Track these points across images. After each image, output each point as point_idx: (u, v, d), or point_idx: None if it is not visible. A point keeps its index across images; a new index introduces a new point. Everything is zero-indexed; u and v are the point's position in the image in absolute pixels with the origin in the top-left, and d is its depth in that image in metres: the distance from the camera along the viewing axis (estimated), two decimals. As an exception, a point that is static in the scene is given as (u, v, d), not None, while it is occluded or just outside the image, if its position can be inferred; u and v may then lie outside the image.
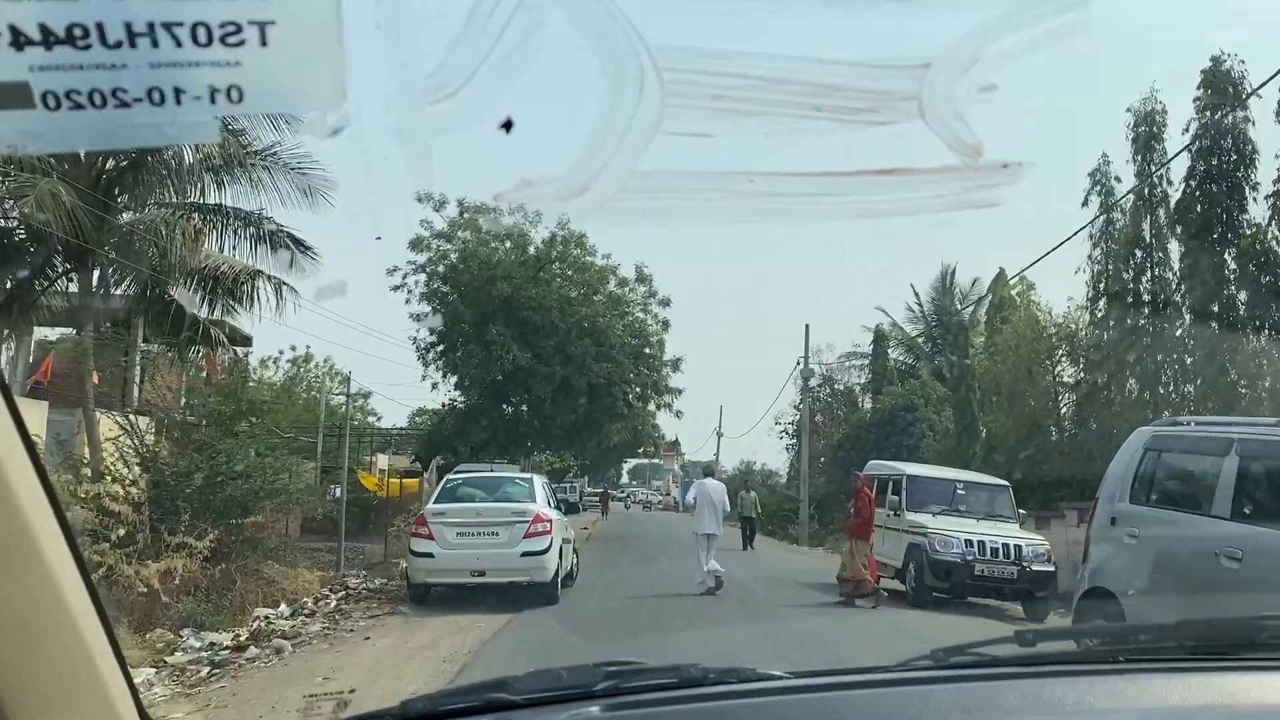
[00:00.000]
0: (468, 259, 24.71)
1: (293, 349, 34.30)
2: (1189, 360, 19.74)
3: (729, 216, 1.61)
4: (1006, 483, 16.65)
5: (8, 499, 1.08)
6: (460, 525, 12.57)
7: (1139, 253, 20.86)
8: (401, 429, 38.08)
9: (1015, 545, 14.50)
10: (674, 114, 1.40)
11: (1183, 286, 19.81)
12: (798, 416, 38.90)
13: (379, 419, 40.14)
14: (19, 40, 1.13)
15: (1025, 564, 14.26)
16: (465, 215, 24.78)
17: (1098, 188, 21.63)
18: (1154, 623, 4.92)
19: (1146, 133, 20.40)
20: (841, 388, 38.92)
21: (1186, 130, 19.30)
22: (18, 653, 1.10)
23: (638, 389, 27.45)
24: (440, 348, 26.31)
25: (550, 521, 12.87)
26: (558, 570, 12.87)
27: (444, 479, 15.18)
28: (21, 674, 1.10)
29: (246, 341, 28.26)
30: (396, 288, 25.52)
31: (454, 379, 26.72)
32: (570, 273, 25.96)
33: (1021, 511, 16.03)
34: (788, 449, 42.05)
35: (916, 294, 36.90)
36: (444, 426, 27.87)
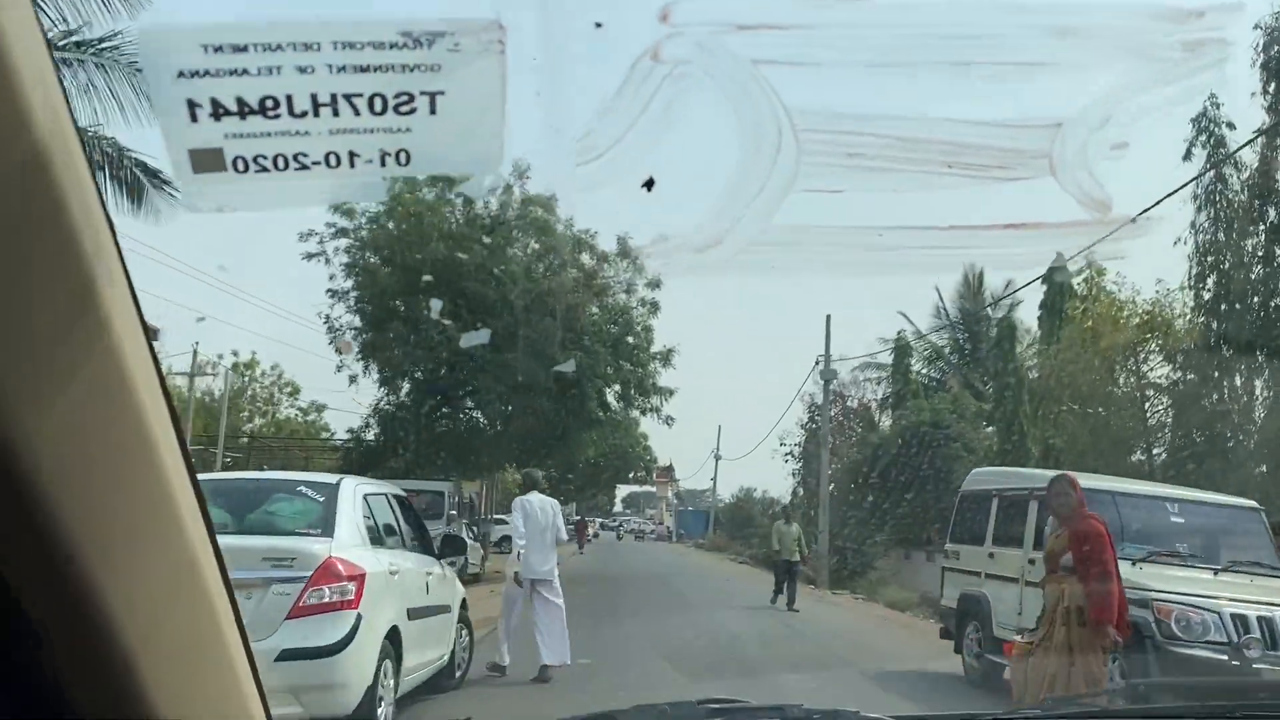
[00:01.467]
0: (394, 211, 19.08)
1: (234, 354, 28.61)
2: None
3: (857, 270, 1.67)
4: (1256, 504, 9.69)
5: (179, 529, 1.13)
6: None
7: (1273, 211, 16.08)
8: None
9: None
10: (809, 171, 1.46)
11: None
12: (805, 437, 34.32)
13: (332, 435, 32.53)
14: (218, 111, 1.23)
15: None
16: None
17: (1204, 136, 16.88)
18: (1273, 680, 4.76)
19: (1280, 55, 14.74)
20: (856, 404, 33.76)
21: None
22: (181, 681, 1.15)
23: (618, 387, 21.92)
24: (366, 333, 20.69)
25: (358, 579, 6.28)
26: (375, 687, 6.36)
27: None
28: (183, 702, 1.14)
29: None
30: (312, 256, 20.54)
31: (379, 372, 20.99)
32: (533, 243, 20.37)
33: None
34: (794, 474, 36.46)
35: (941, 299, 32.12)
36: (367, 435, 22.31)
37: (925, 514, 24.42)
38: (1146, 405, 19.13)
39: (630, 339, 21.15)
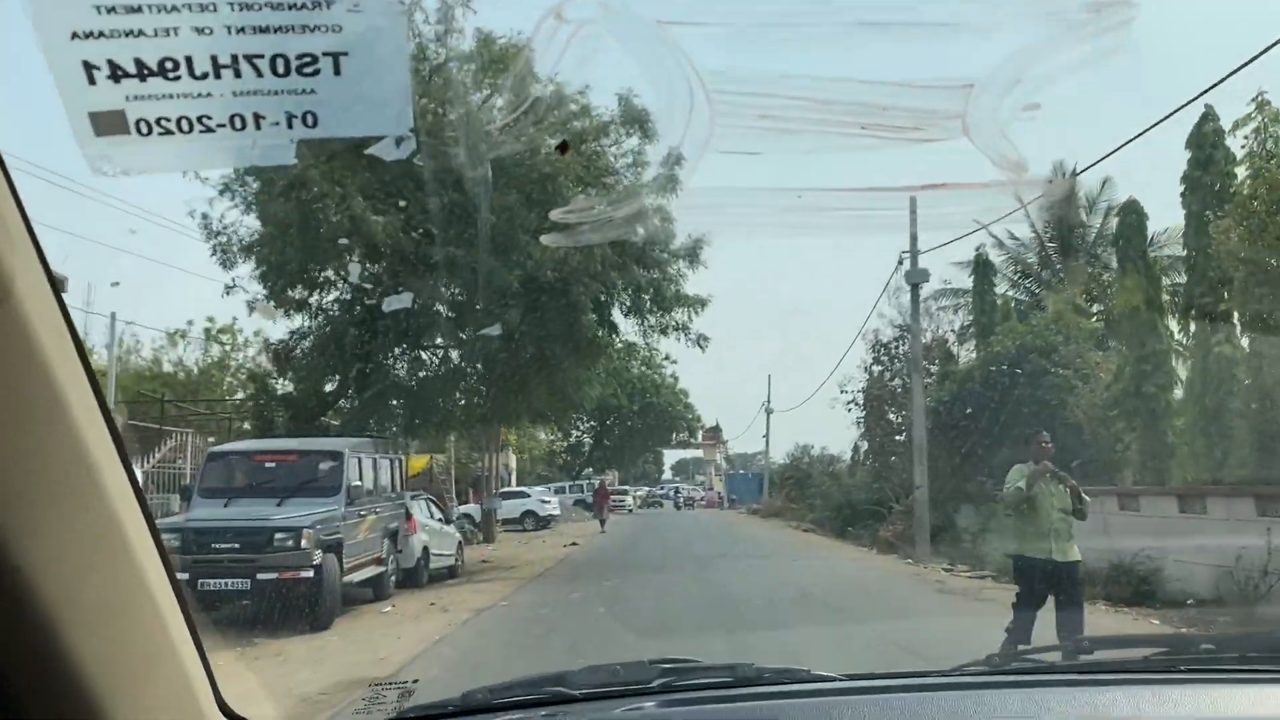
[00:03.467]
0: None
1: (209, 320, 23.24)
2: None
3: (776, 231, 1.68)
4: None
5: (98, 488, 1.14)
6: None
7: None
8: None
9: None
10: (723, 133, 1.47)
11: None
12: (868, 381, 28.96)
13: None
14: (116, 73, 1.23)
15: None
16: None
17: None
18: (1217, 634, 4.81)
19: None
20: (930, 338, 27.66)
21: None
22: (107, 638, 1.16)
23: (626, 297, 16.16)
24: (251, 229, 14.73)
25: None
26: None
27: None
28: (109, 658, 1.15)
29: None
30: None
31: (265, 283, 15.06)
32: (492, 89, 13.59)
33: None
34: (857, 423, 31.05)
35: (1025, 209, 25.73)
36: (279, 379, 17.36)
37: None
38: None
39: (640, 228, 14.81)
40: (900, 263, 20.61)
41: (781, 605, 11.73)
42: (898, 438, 26.49)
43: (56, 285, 1.21)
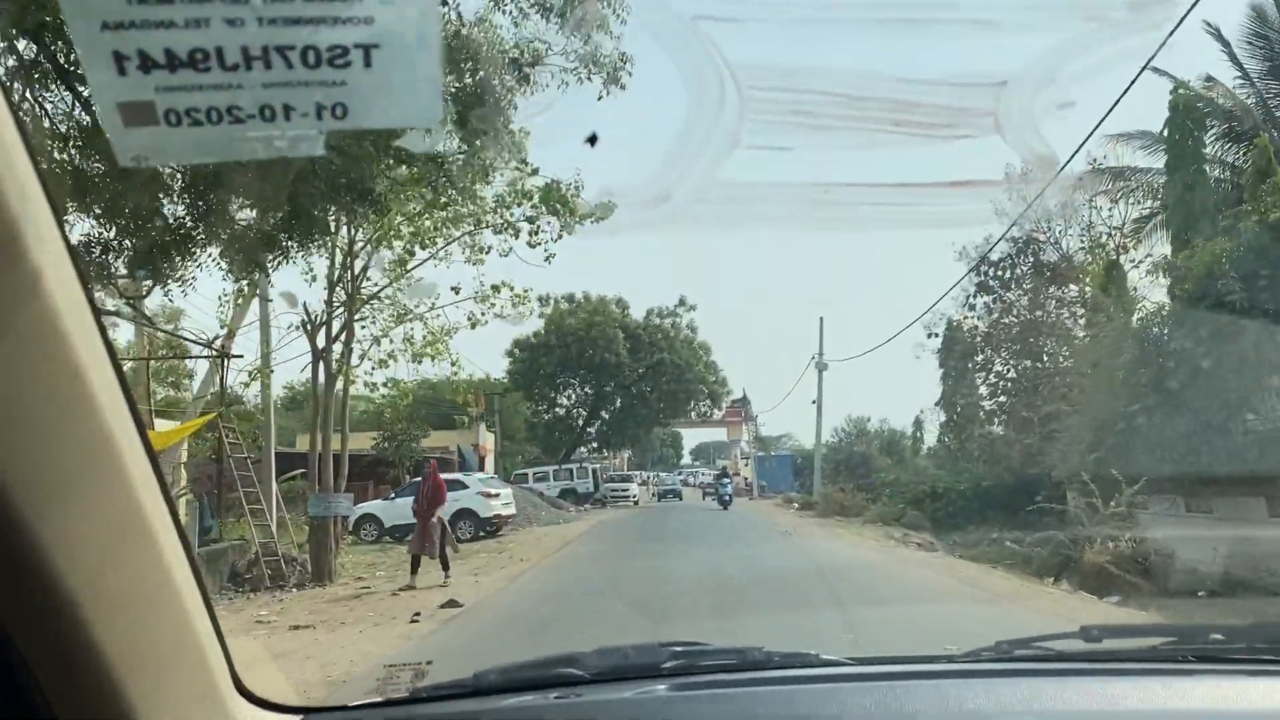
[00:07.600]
0: None
1: None
2: None
3: (804, 225, 1.68)
4: None
5: (122, 476, 1.16)
6: None
7: None
8: None
9: None
10: (754, 128, 1.47)
11: None
12: (949, 326, 22.74)
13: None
14: (146, 64, 1.23)
15: None
16: None
17: None
18: (1227, 623, 4.84)
19: None
20: (1088, 247, 19.26)
21: None
22: (132, 628, 1.17)
23: None
24: None
25: None
26: None
27: None
28: (135, 649, 1.17)
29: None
30: None
31: None
32: None
33: None
34: (948, 376, 23.80)
35: (1227, 45, 18.82)
36: None
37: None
38: None
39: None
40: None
41: None
42: (993, 400, 20.93)
43: (81, 269, 1.21)
